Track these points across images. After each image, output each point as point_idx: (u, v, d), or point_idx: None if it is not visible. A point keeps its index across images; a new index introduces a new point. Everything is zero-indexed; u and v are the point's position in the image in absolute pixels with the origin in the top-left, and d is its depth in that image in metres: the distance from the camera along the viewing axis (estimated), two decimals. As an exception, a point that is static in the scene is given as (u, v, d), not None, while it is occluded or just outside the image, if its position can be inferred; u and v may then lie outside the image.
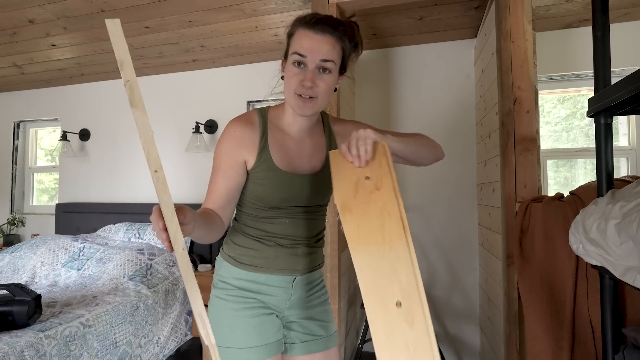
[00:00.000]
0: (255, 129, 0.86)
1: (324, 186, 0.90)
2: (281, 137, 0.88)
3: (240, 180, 0.85)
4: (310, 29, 0.79)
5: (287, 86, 0.82)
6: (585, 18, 1.99)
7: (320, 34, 0.78)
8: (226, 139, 0.84)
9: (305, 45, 0.78)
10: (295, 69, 0.80)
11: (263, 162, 0.84)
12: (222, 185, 0.83)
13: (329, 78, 0.80)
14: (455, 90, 2.29)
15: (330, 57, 0.79)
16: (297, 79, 0.79)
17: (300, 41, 0.79)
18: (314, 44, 0.78)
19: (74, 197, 3.17)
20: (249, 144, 0.84)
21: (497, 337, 1.62)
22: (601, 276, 0.89)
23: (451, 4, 1.87)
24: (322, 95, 0.81)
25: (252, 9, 1.94)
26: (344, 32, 0.81)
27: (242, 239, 0.90)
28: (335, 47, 0.80)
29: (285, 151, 0.87)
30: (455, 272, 2.25)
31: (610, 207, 0.75)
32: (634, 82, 0.67)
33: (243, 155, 0.84)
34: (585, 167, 2.21)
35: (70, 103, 3.21)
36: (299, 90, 0.79)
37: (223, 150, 0.84)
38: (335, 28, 0.79)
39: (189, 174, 2.85)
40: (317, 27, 0.78)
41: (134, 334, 1.79)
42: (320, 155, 0.92)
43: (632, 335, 0.87)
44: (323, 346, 0.91)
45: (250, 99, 2.73)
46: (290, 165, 0.87)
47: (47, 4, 1.91)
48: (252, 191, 0.87)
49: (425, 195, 2.32)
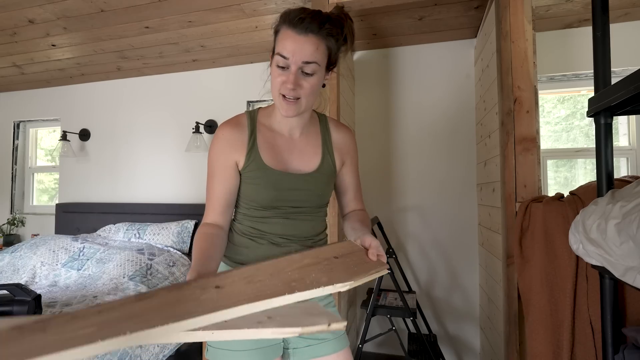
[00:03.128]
0: (243, 130, 0.87)
1: (319, 188, 0.89)
2: (271, 136, 0.88)
3: (235, 182, 0.86)
4: (294, 29, 0.76)
5: (272, 86, 0.82)
6: (585, 18, 1.99)
7: (303, 35, 0.76)
8: (215, 143, 0.86)
9: (287, 46, 0.77)
10: (279, 70, 0.79)
11: (252, 161, 0.85)
12: (219, 190, 0.85)
13: (313, 79, 0.80)
14: (455, 90, 2.29)
15: (313, 59, 0.77)
16: (280, 80, 0.79)
17: (283, 42, 0.78)
18: (297, 45, 0.76)
19: (74, 197, 3.17)
20: (238, 145, 0.85)
21: (497, 337, 1.62)
22: (601, 276, 0.89)
23: (451, 4, 1.87)
24: (306, 95, 0.80)
25: (252, 9, 1.94)
26: (330, 30, 0.79)
27: (236, 237, 0.90)
28: (320, 47, 0.78)
29: (276, 150, 0.87)
30: (455, 272, 2.25)
31: (610, 207, 0.75)
32: (634, 82, 0.67)
33: (233, 157, 0.85)
34: (585, 167, 2.21)
35: (70, 103, 3.21)
36: (283, 90, 0.79)
37: (214, 155, 0.85)
38: (320, 26, 0.77)
39: (189, 174, 2.85)
40: (300, 26, 0.76)
41: (134, 334, 1.79)
42: (315, 157, 0.91)
43: (632, 335, 0.87)
44: (332, 349, 0.87)
45: (250, 99, 2.73)
46: (281, 163, 0.87)
47: (47, 4, 1.91)
48: (244, 191, 0.87)
49: (425, 195, 2.32)
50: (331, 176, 0.93)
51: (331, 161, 0.93)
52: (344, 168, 0.97)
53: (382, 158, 2.41)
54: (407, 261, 2.34)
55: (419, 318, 2.22)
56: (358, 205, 1.00)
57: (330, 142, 0.94)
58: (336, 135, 0.96)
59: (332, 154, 0.93)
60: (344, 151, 0.96)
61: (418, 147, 2.35)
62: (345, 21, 0.83)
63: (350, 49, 0.87)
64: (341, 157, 0.95)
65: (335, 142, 0.95)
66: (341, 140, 0.96)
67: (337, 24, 0.81)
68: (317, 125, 0.95)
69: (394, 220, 2.37)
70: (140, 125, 2.99)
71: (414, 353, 1.86)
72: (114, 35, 2.26)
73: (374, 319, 2.33)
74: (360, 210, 0.98)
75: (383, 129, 2.42)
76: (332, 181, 0.94)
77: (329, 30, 0.78)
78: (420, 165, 2.34)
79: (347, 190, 0.99)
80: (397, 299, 1.90)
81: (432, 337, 2.06)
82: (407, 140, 2.37)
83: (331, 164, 0.92)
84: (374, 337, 1.84)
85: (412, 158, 2.36)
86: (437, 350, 1.97)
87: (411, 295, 1.99)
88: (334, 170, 0.93)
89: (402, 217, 2.36)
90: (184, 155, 2.86)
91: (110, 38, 2.29)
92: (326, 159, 0.92)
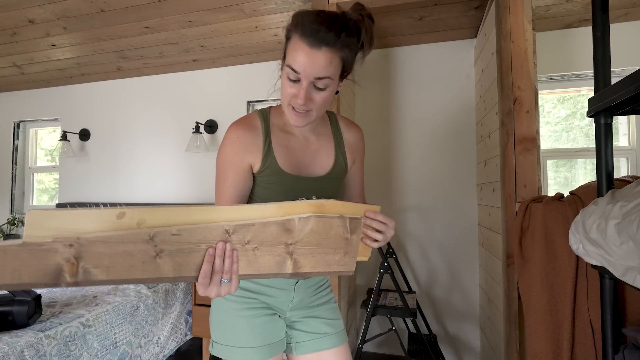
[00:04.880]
0: (257, 133, 0.83)
1: (331, 191, 0.89)
2: (285, 138, 0.86)
3: (248, 185, 0.83)
4: (306, 40, 0.70)
5: (282, 95, 0.79)
6: (585, 18, 1.99)
7: (317, 49, 0.70)
8: (228, 144, 0.81)
9: (299, 60, 0.71)
10: (289, 82, 0.75)
11: (268, 166, 0.83)
12: (231, 193, 0.81)
13: (325, 93, 0.76)
14: (455, 90, 2.29)
15: (326, 74, 0.72)
16: (290, 93, 0.76)
17: (294, 54, 0.72)
18: (309, 60, 0.71)
19: (74, 197, 3.17)
20: (253, 148, 0.82)
21: (497, 337, 1.62)
22: (601, 276, 0.89)
23: (451, 4, 1.87)
24: (317, 108, 0.77)
25: (252, 9, 1.94)
26: (346, 42, 0.73)
27: None
28: (333, 61, 0.72)
29: (290, 153, 0.86)
30: (455, 272, 2.25)
31: (610, 207, 0.75)
32: (634, 82, 0.67)
33: (248, 160, 0.82)
34: (585, 167, 2.21)
35: (70, 103, 3.21)
36: (293, 103, 0.76)
37: (226, 157, 0.81)
38: (336, 38, 0.71)
39: (189, 174, 2.85)
40: (314, 38, 0.70)
41: (134, 334, 1.79)
42: (328, 159, 0.90)
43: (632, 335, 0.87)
44: (332, 343, 0.89)
45: (250, 99, 2.73)
46: (296, 167, 0.86)
47: (47, 4, 1.91)
48: (257, 194, 0.86)
49: (425, 195, 2.32)
50: (342, 177, 0.93)
51: (344, 162, 0.92)
52: (353, 167, 0.97)
53: (382, 158, 2.41)
54: (407, 261, 2.34)
55: (419, 318, 2.22)
56: (361, 201, 1.01)
57: (343, 142, 0.93)
58: (348, 135, 0.95)
59: (345, 154, 0.93)
60: (355, 150, 0.95)
61: (418, 147, 2.35)
62: (363, 24, 0.76)
63: (368, 53, 0.81)
64: (352, 156, 0.95)
65: (347, 142, 0.94)
66: (352, 139, 0.95)
67: (354, 31, 0.74)
68: (329, 126, 0.93)
69: (394, 220, 2.37)
70: (140, 125, 2.99)
71: (414, 353, 1.86)
72: (114, 35, 2.26)
73: (374, 319, 2.33)
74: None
75: (383, 129, 2.42)
76: (342, 181, 0.95)
77: (344, 42, 0.72)
78: (420, 165, 2.34)
79: (353, 187, 0.99)
80: (397, 299, 1.90)
81: (432, 337, 2.06)
82: (407, 140, 2.37)
83: (343, 165, 0.92)
84: (374, 337, 1.85)
85: (412, 158, 2.36)
86: (437, 350, 1.97)
87: (411, 295, 1.99)
88: (345, 171, 0.93)
89: (402, 217, 2.36)
90: (184, 155, 2.86)
91: (110, 38, 2.29)
92: (339, 160, 0.91)
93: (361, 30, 0.76)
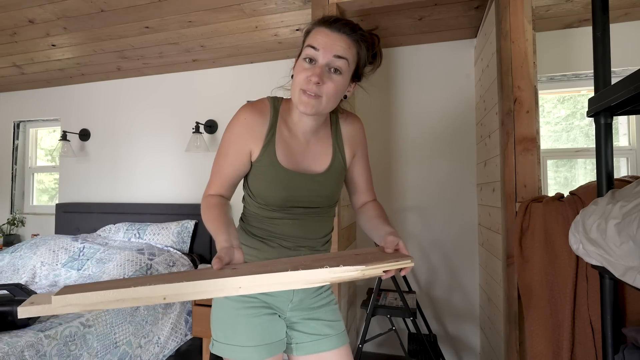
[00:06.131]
0: (265, 120, 0.85)
1: (329, 188, 0.89)
2: (288, 135, 0.87)
3: (245, 167, 0.86)
4: (328, 27, 0.78)
5: (294, 82, 0.80)
6: (585, 18, 1.99)
7: (337, 32, 0.77)
8: (235, 124, 0.84)
9: (320, 40, 0.77)
10: (306, 64, 0.78)
11: (266, 156, 0.84)
12: (229, 170, 0.85)
13: (339, 79, 0.78)
14: (455, 90, 2.29)
15: (344, 54, 0.77)
16: (305, 74, 0.77)
17: (315, 36, 0.78)
18: (329, 40, 0.76)
19: (74, 197, 3.17)
20: (256, 134, 0.84)
21: (497, 337, 1.62)
22: (601, 276, 0.89)
23: (451, 4, 1.87)
24: (328, 95, 0.78)
25: (252, 9, 1.94)
26: (362, 36, 0.80)
27: (246, 238, 0.90)
28: (351, 48, 0.78)
29: (290, 150, 0.86)
30: (455, 272, 2.25)
31: (610, 207, 0.75)
32: (634, 82, 0.67)
33: (249, 146, 0.84)
34: (585, 167, 2.21)
35: (70, 103, 3.21)
36: (305, 85, 0.77)
37: (231, 137, 0.84)
38: (353, 30, 0.78)
39: (189, 174, 2.85)
40: (335, 25, 0.77)
41: (134, 334, 1.79)
42: (326, 157, 0.90)
43: (632, 335, 0.87)
44: (332, 345, 0.89)
45: (250, 99, 2.73)
46: (294, 165, 0.86)
47: (47, 4, 1.91)
48: (254, 186, 0.87)
49: (425, 195, 2.32)
50: (341, 174, 0.92)
51: (342, 158, 0.91)
52: (355, 160, 0.95)
53: (382, 158, 2.41)
54: (407, 261, 2.34)
55: (419, 318, 2.22)
56: (370, 196, 0.99)
57: (340, 136, 0.92)
58: (345, 128, 0.94)
59: (343, 149, 0.92)
60: (354, 143, 0.94)
61: (418, 147, 2.35)
62: (374, 38, 0.84)
63: (376, 68, 0.88)
64: (352, 149, 0.94)
65: (345, 134, 0.93)
66: (350, 131, 0.94)
67: (366, 37, 0.81)
68: (329, 127, 0.93)
69: (394, 221, 2.37)
70: (140, 125, 2.99)
71: (414, 353, 1.86)
72: (114, 35, 2.26)
73: (374, 319, 2.33)
74: (373, 202, 0.97)
75: (383, 129, 2.42)
76: (342, 178, 0.93)
77: (361, 36, 0.79)
78: (420, 165, 2.34)
79: (359, 182, 0.97)
80: (397, 299, 1.90)
81: (432, 337, 2.06)
82: (407, 140, 2.37)
83: (342, 161, 0.91)
84: (374, 337, 1.85)
85: (412, 158, 2.36)
86: (437, 350, 1.97)
87: (411, 295, 1.99)
88: (344, 168, 0.92)
89: (402, 217, 2.36)
90: (184, 155, 2.86)
91: (110, 38, 2.30)
92: (337, 157, 0.90)
93: (374, 43, 0.84)
